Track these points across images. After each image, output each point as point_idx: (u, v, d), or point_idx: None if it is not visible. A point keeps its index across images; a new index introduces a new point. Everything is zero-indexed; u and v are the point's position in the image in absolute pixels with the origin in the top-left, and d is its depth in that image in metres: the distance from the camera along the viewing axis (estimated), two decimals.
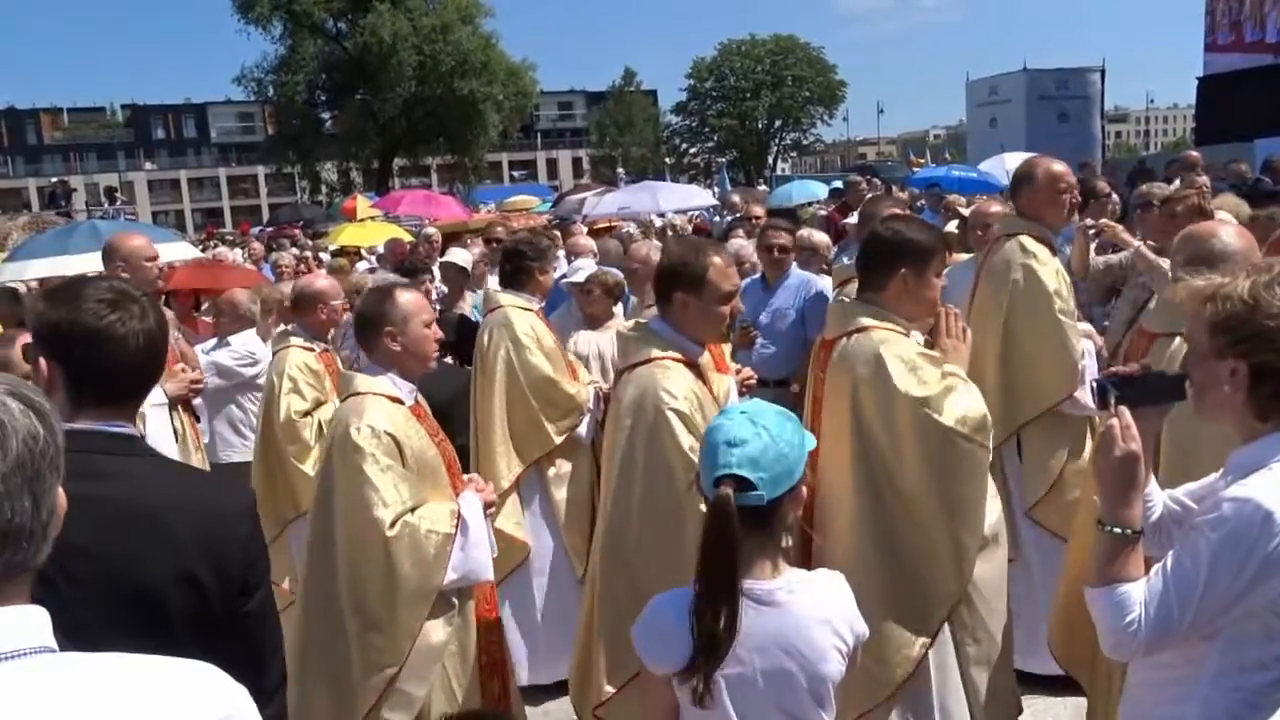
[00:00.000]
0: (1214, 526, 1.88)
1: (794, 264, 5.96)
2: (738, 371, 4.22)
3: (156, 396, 4.55)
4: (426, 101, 47.93)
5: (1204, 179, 8.43)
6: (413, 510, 3.12)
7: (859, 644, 2.18)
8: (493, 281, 7.47)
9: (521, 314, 4.88)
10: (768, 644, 2.08)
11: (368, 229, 16.25)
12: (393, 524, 3.06)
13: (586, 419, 4.82)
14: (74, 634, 1.74)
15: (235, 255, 14.24)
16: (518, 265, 5.01)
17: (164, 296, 7.01)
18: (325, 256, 12.39)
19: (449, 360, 5.92)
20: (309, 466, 4.57)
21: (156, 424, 4.54)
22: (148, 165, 75.69)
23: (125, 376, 1.92)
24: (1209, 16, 22.24)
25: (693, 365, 3.24)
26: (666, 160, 68.26)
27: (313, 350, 4.90)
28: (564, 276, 5.85)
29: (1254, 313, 1.91)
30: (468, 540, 3.17)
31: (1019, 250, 4.29)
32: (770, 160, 68.95)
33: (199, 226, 53.70)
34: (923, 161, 28.78)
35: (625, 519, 3.18)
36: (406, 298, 3.33)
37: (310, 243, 16.20)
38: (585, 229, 11.39)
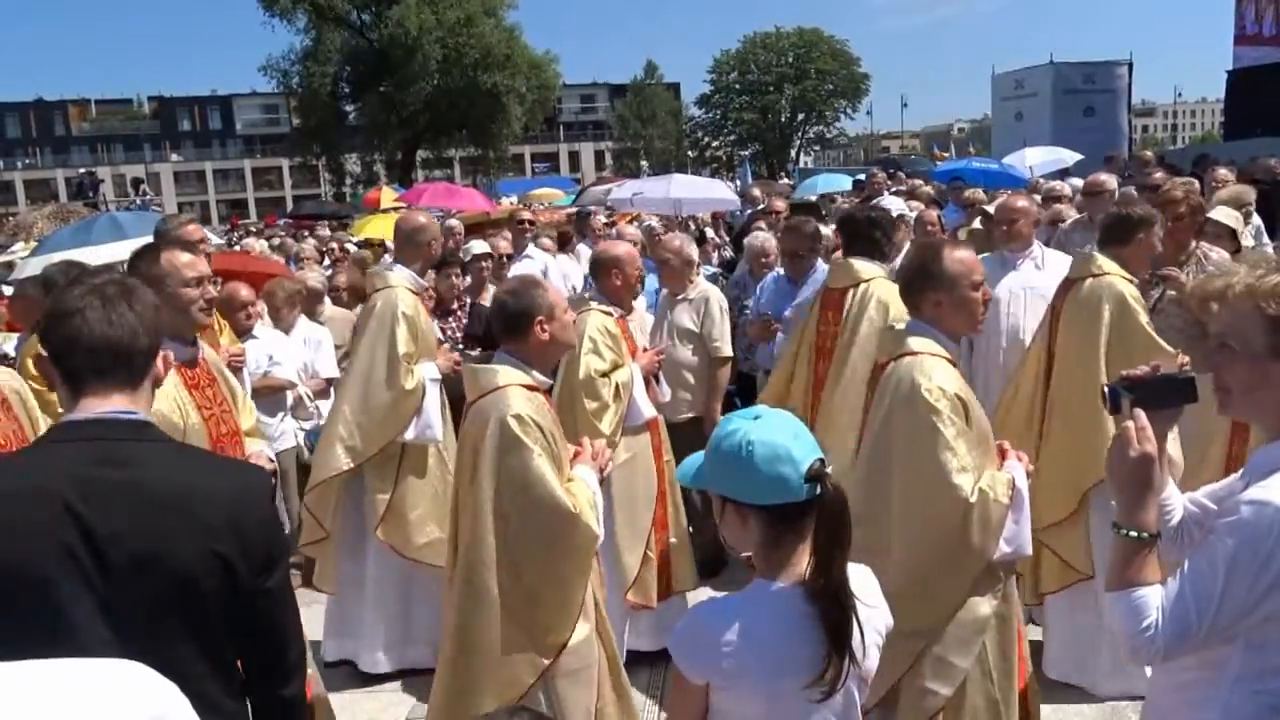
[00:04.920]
0: (1232, 530, 1.84)
1: (819, 259, 5.93)
2: None
3: (432, 372, 4.85)
4: (450, 94, 48.09)
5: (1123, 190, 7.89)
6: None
7: (888, 635, 2.15)
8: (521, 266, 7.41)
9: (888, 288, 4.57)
10: None
11: (392, 220, 16.23)
12: (973, 489, 3.01)
13: None
14: (115, 625, 1.78)
15: (261, 245, 14.32)
16: (869, 236, 4.82)
17: None
18: (351, 248, 12.38)
19: (474, 353, 5.90)
20: (606, 424, 4.61)
21: (432, 400, 4.79)
22: (174, 156, 76.18)
23: (97, 355, 1.92)
24: (1239, 8, 21.95)
25: None
26: (689, 153, 68.04)
27: (611, 315, 4.93)
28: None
29: None
30: (1021, 513, 3.11)
31: None
32: (793, 153, 68.69)
33: (224, 218, 54.06)
34: (946, 155, 28.57)
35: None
36: (953, 257, 3.23)
37: (329, 234, 16.19)
38: (604, 219, 11.38)
